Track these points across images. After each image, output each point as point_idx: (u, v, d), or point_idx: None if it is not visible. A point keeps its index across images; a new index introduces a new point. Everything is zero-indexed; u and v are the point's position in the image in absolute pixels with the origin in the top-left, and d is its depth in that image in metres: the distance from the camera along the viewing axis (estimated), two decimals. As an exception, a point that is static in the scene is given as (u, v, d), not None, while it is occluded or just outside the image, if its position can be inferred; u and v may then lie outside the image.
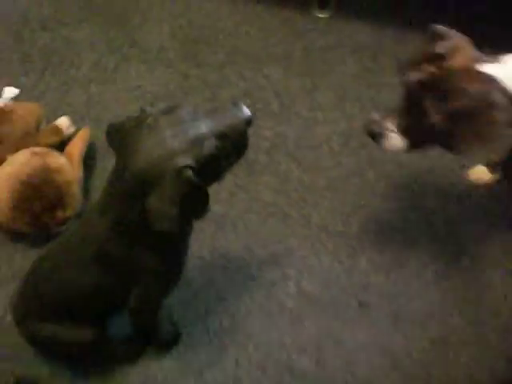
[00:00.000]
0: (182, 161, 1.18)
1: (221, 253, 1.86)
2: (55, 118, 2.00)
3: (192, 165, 1.19)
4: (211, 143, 1.22)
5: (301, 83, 2.25)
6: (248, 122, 1.29)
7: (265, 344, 1.72)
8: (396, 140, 1.51)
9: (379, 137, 1.53)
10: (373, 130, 1.53)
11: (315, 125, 2.14)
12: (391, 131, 1.51)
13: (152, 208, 1.20)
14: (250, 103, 2.14)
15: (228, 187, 1.98)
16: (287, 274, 1.83)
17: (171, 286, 1.47)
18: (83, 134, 1.97)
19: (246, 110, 1.29)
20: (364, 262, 1.85)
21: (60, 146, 1.95)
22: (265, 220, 1.93)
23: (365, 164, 2.04)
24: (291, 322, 1.76)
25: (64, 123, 1.97)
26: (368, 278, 1.83)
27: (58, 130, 1.94)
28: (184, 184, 1.18)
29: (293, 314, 1.77)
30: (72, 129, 1.99)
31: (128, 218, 1.27)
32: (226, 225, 1.91)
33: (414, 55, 1.50)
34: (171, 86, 2.24)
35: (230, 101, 1.36)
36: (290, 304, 1.78)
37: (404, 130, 1.50)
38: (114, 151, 1.29)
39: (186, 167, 1.18)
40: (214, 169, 1.26)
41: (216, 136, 1.23)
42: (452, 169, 2.03)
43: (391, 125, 1.51)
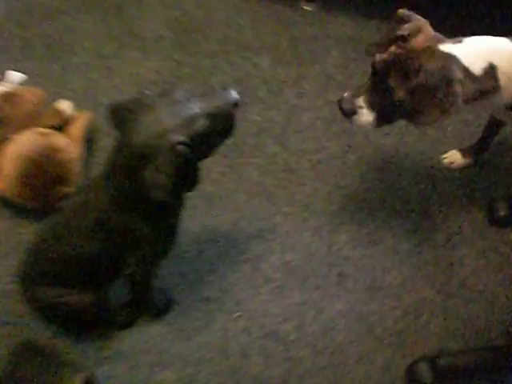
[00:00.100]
0: (176, 137, 1.28)
1: (211, 228, 1.93)
2: (57, 102, 2.02)
3: (185, 141, 1.28)
4: (202, 122, 1.32)
5: (288, 71, 2.29)
6: (235, 105, 1.39)
7: (250, 312, 1.78)
8: (366, 116, 1.59)
9: (351, 113, 1.60)
10: (345, 107, 1.60)
11: (300, 111, 2.19)
12: (361, 108, 1.58)
13: (149, 179, 1.30)
14: (240, 90, 2.05)
15: (218, 168, 2.03)
16: (272, 248, 1.89)
17: (164, 254, 1.55)
18: (83, 117, 2.02)
19: (234, 94, 1.39)
20: (343, 238, 1.92)
21: (61, 129, 1.97)
22: (252, 198, 1.99)
23: (346, 148, 2.10)
24: (275, 292, 1.82)
25: (65, 106, 2.01)
26: (347, 252, 1.89)
27: (60, 113, 1.99)
28: (178, 158, 1.28)
29: (277, 285, 1.83)
30: (72, 112, 2.03)
31: (127, 189, 1.36)
32: (216, 202, 1.97)
33: (381, 38, 1.58)
34: (166, 73, 2.27)
35: (220, 85, 1.47)
36: (275, 275, 1.85)
37: (373, 106, 1.58)
38: (115, 128, 1.37)
39: (180, 143, 1.28)
40: (205, 145, 1.36)
41: (207, 116, 1.33)
42: (428, 153, 2.09)
43: (361, 102, 1.58)
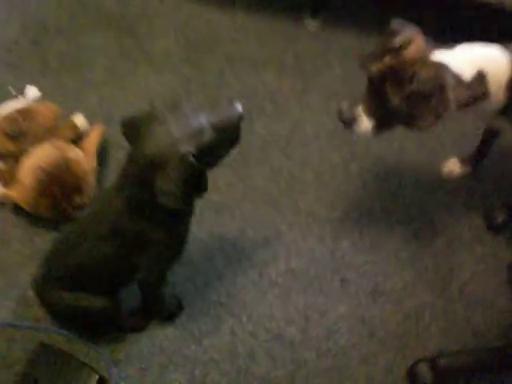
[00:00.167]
0: (185, 148, 1.34)
1: (219, 235, 1.97)
2: (71, 117, 2.06)
3: (193, 152, 1.35)
4: (209, 134, 1.38)
5: (292, 86, 2.34)
6: (241, 117, 1.44)
7: (257, 315, 1.82)
8: (365, 124, 1.64)
9: (351, 122, 1.65)
10: (344, 117, 1.66)
11: (304, 123, 2.24)
12: (360, 116, 1.64)
13: (160, 187, 1.36)
14: (246, 103, 2.09)
15: (226, 178, 2.09)
16: (277, 255, 1.94)
17: (175, 258, 1.60)
18: (97, 131, 2.06)
19: (240, 107, 1.44)
20: (346, 244, 1.97)
21: (75, 142, 2.01)
22: (258, 207, 2.04)
23: (348, 158, 2.15)
24: (280, 296, 1.86)
25: (79, 120, 2.06)
26: (349, 258, 1.94)
27: (74, 126, 2.03)
28: (186, 167, 1.35)
29: (282, 289, 1.88)
30: (86, 126, 2.07)
31: (139, 197, 1.43)
32: (224, 211, 2.02)
33: (375, 49, 1.64)
34: (176, 88, 2.32)
35: (226, 99, 1.54)
36: (280, 280, 1.89)
37: (371, 114, 1.63)
38: (128, 140, 1.44)
39: (188, 153, 1.34)
40: (212, 155, 1.42)
41: (213, 128, 1.39)
42: (427, 163, 2.15)
43: (359, 111, 1.64)
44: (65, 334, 1.76)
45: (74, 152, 1.95)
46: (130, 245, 1.53)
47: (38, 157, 1.90)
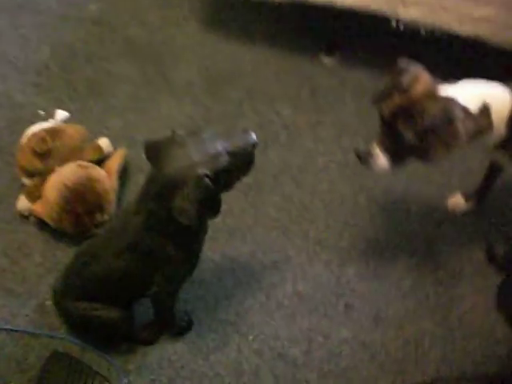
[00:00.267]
0: (202, 171, 1.45)
1: (230, 258, 2.03)
2: (96, 139, 2.17)
3: (209, 174, 1.45)
4: (225, 159, 1.48)
5: (306, 119, 2.40)
6: (254, 146, 1.54)
7: (263, 335, 1.87)
8: (381, 159, 1.71)
9: (367, 158, 1.73)
10: (361, 154, 1.74)
11: (316, 155, 2.30)
12: (376, 153, 1.71)
13: (177, 206, 1.46)
14: (262, 133, 2.28)
15: (240, 204, 2.15)
16: (285, 278, 1.99)
17: (187, 275, 1.69)
18: (120, 153, 2.15)
19: (254, 136, 1.55)
20: (351, 272, 2.02)
21: (99, 163, 2.11)
22: (269, 232, 2.10)
23: (357, 190, 2.21)
24: (286, 318, 1.91)
25: (104, 143, 2.16)
26: (354, 285, 1.99)
27: (99, 149, 2.13)
28: (203, 189, 1.45)
29: (288, 311, 1.93)
30: (110, 149, 2.17)
31: (157, 214, 1.52)
32: (236, 234, 2.08)
33: (385, 87, 1.73)
34: (196, 117, 2.39)
35: (242, 128, 1.60)
36: (286, 303, 1.94)
37: (386, 150, 1.71)
38: (149, 162, 1.54)
39: (205, 176, 1.44)
40: (226, 179, 1.52)
41: (229, 154, 1.49)
42: (433, 197, 2.20)
43: (375, 147, 1.72)
44: (79, 344, 1.81)
45: (98, 172, 2.03)
46: (146, 260, 1.61)
47: (64, 175, 1.99)
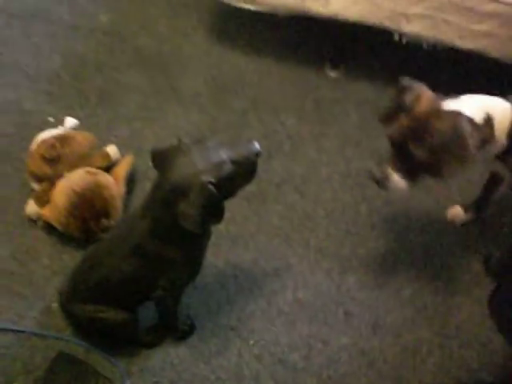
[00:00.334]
0: (206, 178, 1.49)
1: (233, 264, 2.07)
2: (105, 147, 2.21)
3: (213, 182, 1.49)
4: (228, 167, 1.53)
5: (310, 129, 2.44)
6: (257, 155, 1.59)
7: (264, 340, 1.91)
8: (396, 180, 1.74)
9: (383, 181, 1.75)
10: (377, 178, 1.76)
11: (319, 165, 2.34)
12: (391, 174, 1.74)
13: (181, 212, 1.51)
14: (266, 143, 2.34)
15: (243, 212, 2.19)
16: (286, 285, 2.03)
17: (190, 279, 1.73)
18: (127, 160, 2.20)
19: (257, 146, 1.59)
20: (352, 280, 2.05)
21: (107, 169, 2.15)
22: (271, 240, 2.14)
23: (359, 200, 2.25)
24: (287, 324, 1.95)
25: (112, 150, 2.20)
26: (354, 293, 2.02)
27: (107, 156, 2.17)
28: (206, 195, 1.49)
29: (288, 318, 1.96)
30: (118, 156, 2.21)
31: (163, 219, 1.57)
32: (239, 242, 2.12)
33: (389, 106, 1.76)
34: (202, 126, 2.43)
35: (246, 138, 1.68)
36: (287, 309, 1.98)
37: (399, 170, 1.73)
38: (156, 168, 1.58)
39: (209, 183, 1.49)
40: (230, 187, 1.56)
41: (232, 162, 1.54)
42: (433, 208, 2.23)
43: (389, 169, 1.74)
44: (84, 345, 1.85)
45: (105, 178, 2.08)
46: (151, 263, 1.65)
47: (72, 180, 2.04)
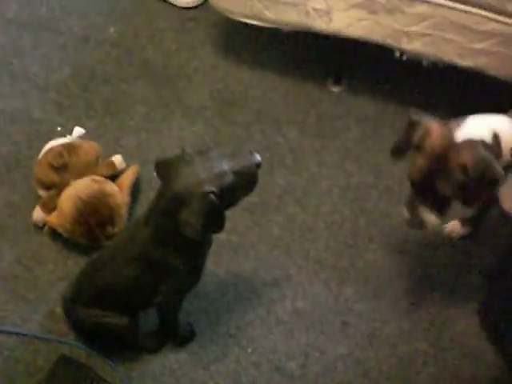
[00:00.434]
0: (208, 187, 1.53)
1: (234, 273, 2.11)
2: (111, 156, 2.25)
3: (215, 191, 1.54)
4: (230, 177, 1.57)
5: (312, 143, 2.47)
6: (258, 166, 1.63)
7: (262, 348, 1.95)
8: (430, 218, 1.76)
9: (420, 224, 1.77)
10: (413, 224, 1.78)
11: (320, 178, 2.37)
12: (423, 214, 1.76)
13: (183, 220, 1.55)
14: (269, 156, 2.39)
15: (245, 222, 2.23)
16: (285, 295, 2.06)
17: (191, 286, 1.77)
18: (133, 170, 2.23)
19: (258, 157, 1.64)
20: (349, 291, 2.09)
21: (112, 178, 2.19)
22: (271, 251, 2.17)
23: (357, 213, 2.28)
24: (285, 333, 1.99)
25: (117, 160, 2.24)
26: (351, 304, 2.06)
27: (113, 165, 2.21)
28: (208, 204, 1.53)
29: (286, 327, 2.00)
30: (123, 165, 2.25)
31: (165, 227, 1.61)
32: (240, 251, 2.16)
33: (399, 140, 1.79)
34: (206, 138, 2.47)
35: (248, 150, 1.68)
36: (285, 319, 2.02)
37: (431, 208, 1.75)
38: (159, 177, 1.63)
39: (211, 192, 1.53)
40: (231, 196, 1.60)
41: (234, 173, 1.58)
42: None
43: (420, 210, 1.75)
44: (85, 349, 1.90)
45: (110, 187, 2.12)
46: (153, 270, 1.70)
47: (78, 188, 2.08)
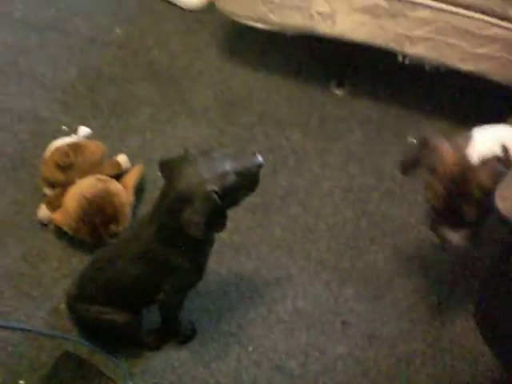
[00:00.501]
0: (211, 187, 1.56)
1: (236, 273, 2.13)
2: (116, 156, 2.29)
3: (217, 191, 1.56)
4: (232, 178, 1.60)
5: (315, 145, 2.50)
6: (260, 167, 1.66)
7: (262, 347, 1.97)
8: (456, 238, 1.83)
9: (450, 246, 1.85)
10: (446, 245, 1.88)
11: (323, 180, 2.40)
12: (449, 236, 1.83)
13: (186, 219, 1.58)
14: (272, 157, 2.41)
15: (247, 222, 2.25)
16: (286, 295, 2.08)
17: (193, 284, 1.80)
18: (137, 169, 2.26)
19: (260, 158, 1.67)
20: (350, 291, 2.11)
21: (117, 178, 2.21)
22: (273, 251, 2.19)
23: (359, 214, 2.30)
24: (285, 332, 2.00)
25: (122, 159, 2.28)
26: (352, 304, 2.08)
27: (118, 165, 2.24)
28: (210, 204, 1.56)
29: (287, 326, 2.02)
30: (128, 165, 2.28)
31: (168, 226, 1.64)
32: (242, 251, 2.18)
33: (409, 157, 1.83)
34: (210, 139, 2.49)
35: (251, 151, 1.71)
36: (286, 318, 2.03)
37: (454, 227, 1.81)
38: (163, 177, 1.66)
39: (213, 192, 1.56)
40: (233, 196, 1.63)
41: (236, 173, 1.61)
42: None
43: (446, 232, 1.83)
44: (88, 346, 1.92)
45: (115, 186, 2.15)
46: (156, 268, 1.72)
47: (83, 187, 2.10)
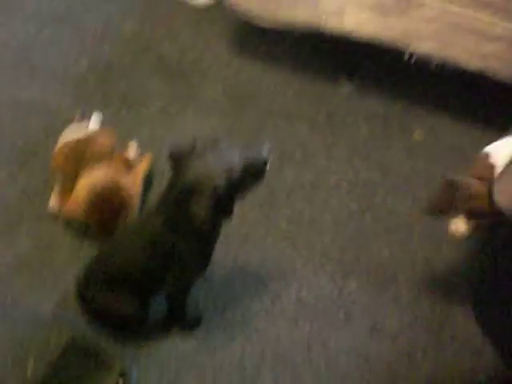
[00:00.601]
0: (217, 180, 1.60)
1: (241, 264, 2.18)
2: (126, 147, 2.33)
3: (224, 183, 1.60)
4: (239, 171, 1.63)
5: (322, 139, 2.53)
6: (265, 161, 1.69)
7: (266, 336, 2.02)
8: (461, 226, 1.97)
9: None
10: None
11: (329, 173, 2.43)
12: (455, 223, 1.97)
13: (193, 210, 1.61)
14: (279, 150, 2.44)
15: (254, 215, 2.29)
16: (290, 286, 2.13)
17: (198, 274, 1.84)
18: (147, 160, 2.30)
19: (267, 152, 1.69)
20: (353, 284, 2.15)
21: (126, 168, 2.23)
22: (279, 243, 2.24)
23: (364, 208, 2.34)
24: (289, 324, 2.05)
25: (133, 149, 2.32)
26: (355, 297, 2.12)
27: (127, 157, 2.29)
28: (217, 195, 1.60)
29: (291, 318, 2.07)
30: (138, 153, 2.32)
31: (176, 217, 1.68)
32: (248, 243, 2.22)
33: (439, 203, 1.92)
34: (219, 131, 2.53)
35: (257, 143, 1.74)
36: (290, 310, 2.08)
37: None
38: (171, 168, 1.69)
39: (219, 185, 1.59)
40: (239, 189, 1.67)
41: (243, 166, 1.64)
42: (435, 221, 2.20)
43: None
44: (96, 332, 1.97)
45: (124, 177, 2.19)
46: (163, 257, 1.76)
47: (93, 178, 2.16)
